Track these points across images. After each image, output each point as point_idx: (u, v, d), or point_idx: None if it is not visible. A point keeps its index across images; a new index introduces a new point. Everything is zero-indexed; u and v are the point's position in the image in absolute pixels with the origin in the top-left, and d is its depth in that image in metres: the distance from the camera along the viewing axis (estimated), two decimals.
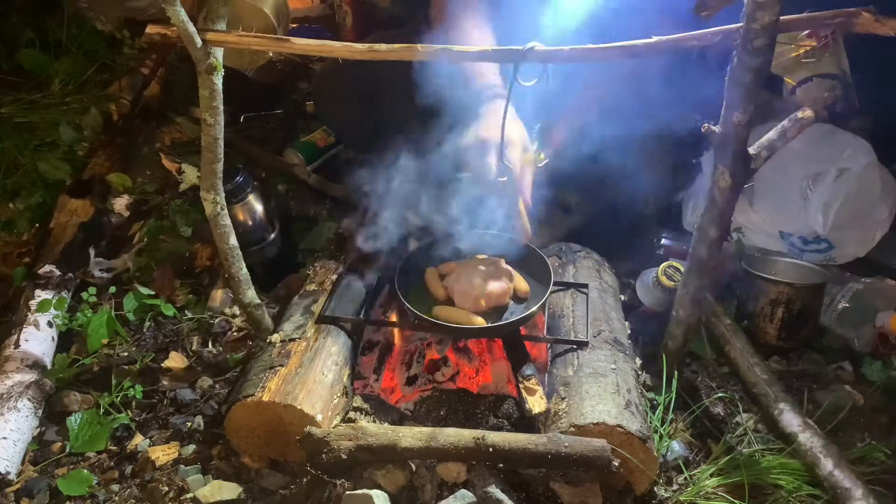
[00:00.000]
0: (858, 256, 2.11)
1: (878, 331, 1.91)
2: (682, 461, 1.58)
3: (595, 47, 1.35)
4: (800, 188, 2.05)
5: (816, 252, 2.11)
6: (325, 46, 1.43)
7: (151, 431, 1.71)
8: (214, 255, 2.20)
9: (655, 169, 2.09)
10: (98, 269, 2.19)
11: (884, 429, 1.73)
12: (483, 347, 1.76)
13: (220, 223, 1.65)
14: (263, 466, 1.58)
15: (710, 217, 1.47)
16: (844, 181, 2.01)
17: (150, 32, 1.42)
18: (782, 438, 1.61)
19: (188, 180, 2.52)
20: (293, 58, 3.17)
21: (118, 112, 2.81)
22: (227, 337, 1.99)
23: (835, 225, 2.01)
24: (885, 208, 2.06)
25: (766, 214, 2.14)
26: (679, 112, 1.91)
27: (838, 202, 2.00)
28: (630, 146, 1.87)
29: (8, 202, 2.39)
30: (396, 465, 1.45)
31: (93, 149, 2.62)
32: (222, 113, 1.52)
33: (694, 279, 1.58)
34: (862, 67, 2.24)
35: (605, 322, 1.77)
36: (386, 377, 1.76)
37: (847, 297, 2.01)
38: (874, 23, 1.25)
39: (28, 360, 1.80)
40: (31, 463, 1.64)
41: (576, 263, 2.02)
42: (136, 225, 2.38)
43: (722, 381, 1.86)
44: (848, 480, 1.44)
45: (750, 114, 1.32)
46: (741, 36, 1.24)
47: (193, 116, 2.80)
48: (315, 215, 2.44)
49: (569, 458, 1.38)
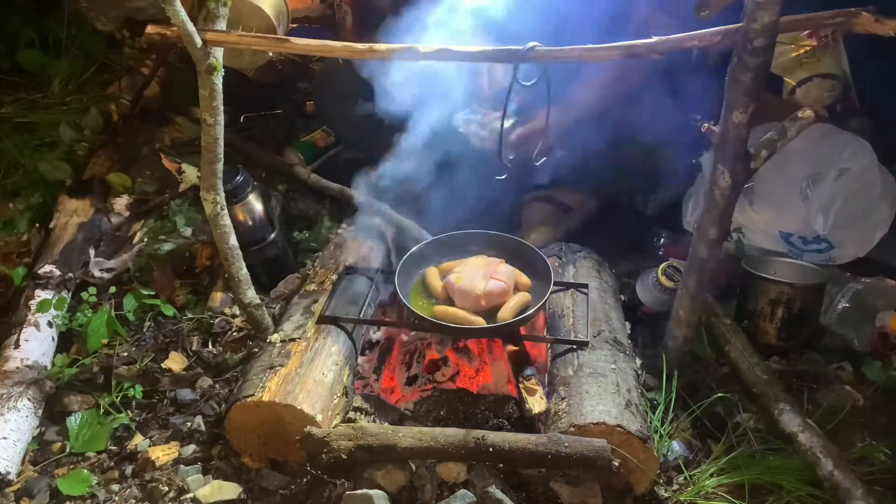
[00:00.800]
0: (858, 256, 2.11)
1: (878, 331, 1.91)
2: (682, 461, 1.58)
3: (595, 47, 1.36)
4: (800, 188, 2.05)
5: (816, 252, 2.11)
6: (325, 46, 1.43)
7: (151, 431, 1.71)
8: (214, 255, 2.20)
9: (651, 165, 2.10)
10: (98, 269, 2.18)
11: (884, 429, 1.73)
12: (483, 347, 1.76)
13: (220, 223, 1.65)
14: (263, 466, 1.58)
15: (710, 217, 1.47)
16: (844, 181, 2.00)
17: (150, 32, 1.42)
18: (782, 438, 1.61)
19: (188, 180, 2.52)
20: (293, 58, 3.16)
21: (118, 112, 2.81)
22: (227, 337, 1.99)
23: (835, 225, 2.00)
24: (885, 208, 2.06)
25: (766, 214, 2.13)
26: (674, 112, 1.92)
27: (838, 202, 1.99)
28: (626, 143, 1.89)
29: (8, 202, 2.39)
30: (396, 465, 1.45)
31: (93, 149, 2.62)
32: (222, 113, 1.52)
33: (694, 279, 1.58)
34: (862, 67, 2.24)
35: (605, 322, 1.77)
36: (386, 377, 1.76)
37: (847, 297, 2.01)
38: (874, 23, 1.25)
39: (28, 360, 1.80)
40: (31, 463, 1.64)
41: (576, 263, 2.02)
42: (136, 225, 2.38)
43: (722, 381, 1.86)
44: (848, 480, 1.44)
45: (750, 114, 1.32)
46: (741, 36, 1.24)
47: (193, 116, 2.80)
48: (315, 215, 2.43)
49: (569, 458, 1.38)
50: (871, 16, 1.25)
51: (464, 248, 1.91)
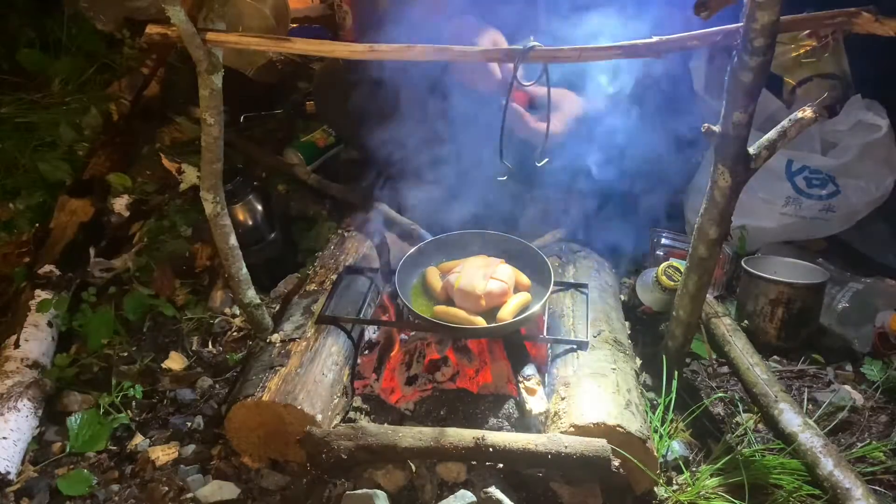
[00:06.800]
0: (857, 216, 2.15)
1: (878, 331, 1.92)
2: (682, 461, 1.58)
3: (595, 47, 1.36)
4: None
5: (819, 199, 2.13)
6: (325, 46, 1.43)
7: (151, 431, 1.71)
8: (214, 255, 2.20)
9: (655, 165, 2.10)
10: (98, 269, 2.18)
11: (884, 429, 1.73)
12: (483, 347, 1.75)
13: (220, 223, 1.65)
14: (263, 466, 1.58)
15: (710, 217, 1.47)
16: (863, 127, 2.09)
17: (150, 32, 1.42)
18: (782, 438, 1.61)
19: (188, 180, 2.52)
20: (293, 58, 3.17)
21: (118, 112, 2.81)
22: (227, 337, 1.99)
23: (844, 163, 2.05)
24: (889, 173, 2.12)
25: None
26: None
27: (854, 142, 2.07)
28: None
29: (8, 202, 2.39)
30: (396, 465, 1.45)
31: (93, 149, 2.62)
32: (222, 113, 1.52)
33: (694, 279, 1.58)
34: (862, 67, 2.24)
35: (605, 322, 1.77)
36: (386, 377, 1.76)
37: (847, 297, 2.01)
38: (874, 23, 1.25)
39: (28, 360, 1.79)
40: (31, 463, 1.64)
41: (576, 263, 2.02)
42: (136, 225, 2.38)
43: (722, 381, 1.86)
44: (848, 480, 1.44)
45: (750, 114, 1.32)
46: (741, 36, 1.24)
47: (193, 116, 2.80)
48: (315, 215, 2.43)
49: (569, 458, 1.38)
50: (871, 16, 1.25)
51: (464, 248, 1.91)
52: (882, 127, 2.10)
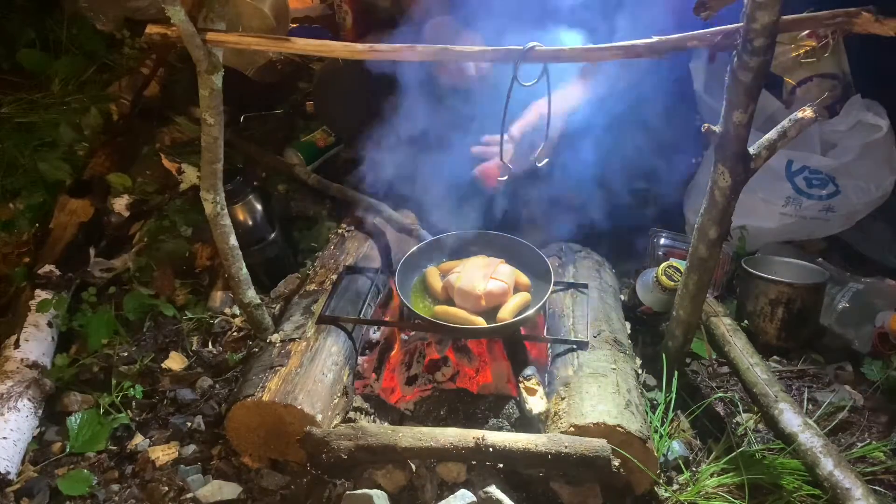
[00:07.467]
0: (857, 217, 2.15)
1: (878, 331, 1.91)
2: (683, 461, 1.58)
3: (595, 47, 1.35)
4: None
5: (819, 198, 2.13)
6: (325, 46, 1.43)
7: (151, 431, 1.71)
8: (214, 255, 2.20)
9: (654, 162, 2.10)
10: (98, 269, 2.18)
11: (884, 429, 1.73)
12: (483, 347, 1.76)
13: (220, 223, 1.65)
14: (263, 466, 1.58)
15: (710, 217, 1.47)
16: (863, 127, 2.08)
17: (150, 32, 1.42)
18: (782, 438, 1.61)
19: (188, 180, 2.52)
20: (293, 58, 3.16)
21: (118, 112, 2.80)
22: (227, 337, 1.99)
23: (846, 168, 2.04)
24: (890, 174, 2.12)
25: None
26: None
27: (854, 142, 2.06)
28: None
29: (8, 202, 2.39)
30: (396, 465, 1.45)
31: (93, 149, 2.62)
32: (222, 113, 1.52)
33: (694, 279, 1.58)
34: (862, 67, 2.24)
35: (605, 322, 1.77)
36: (386, 377, 1.76)
37: (847, 297, 2.01)
38: (874, 23, 1.25)
39: (28, 360, 1.80)
40: (31, 463, 1.64)
41: (576, 263, 2.02)
42: (136, 225, 2.38)
43: (722, 381, 1.86)
44: (848, 480, 1.44)
45: (750, 114, 1.32)
46: (741, 36, 1.24)
47: (193, 116, 2.80)
48: (315, 215, 2.43)
49: (569, 458, 1.38)
50: (872, 16, 1.25)
51: (464, 248, 1.91)
52: (882, 127, 2.10)
